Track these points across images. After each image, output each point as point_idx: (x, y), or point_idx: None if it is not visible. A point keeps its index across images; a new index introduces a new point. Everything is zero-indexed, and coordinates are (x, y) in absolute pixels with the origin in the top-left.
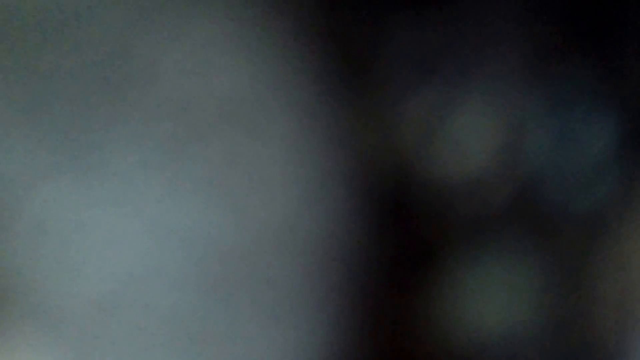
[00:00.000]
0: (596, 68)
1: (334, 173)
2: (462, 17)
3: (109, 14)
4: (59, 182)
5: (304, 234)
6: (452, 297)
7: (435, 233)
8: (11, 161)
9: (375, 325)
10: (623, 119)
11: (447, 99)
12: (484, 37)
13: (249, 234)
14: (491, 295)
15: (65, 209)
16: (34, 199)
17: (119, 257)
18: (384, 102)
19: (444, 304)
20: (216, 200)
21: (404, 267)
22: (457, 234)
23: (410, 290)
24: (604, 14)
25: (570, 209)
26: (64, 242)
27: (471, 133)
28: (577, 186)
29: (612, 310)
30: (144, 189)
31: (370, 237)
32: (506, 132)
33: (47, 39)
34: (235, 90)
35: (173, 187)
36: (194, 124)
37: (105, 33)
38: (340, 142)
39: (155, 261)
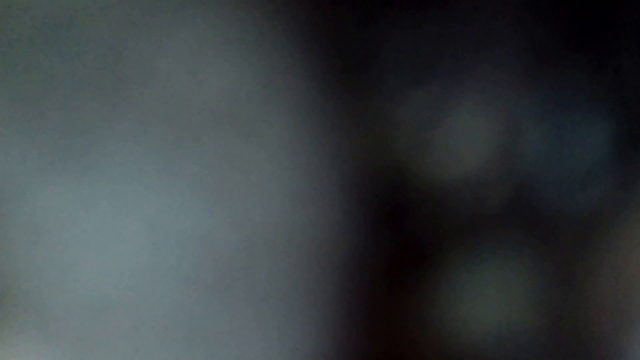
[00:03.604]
0: (592, 69)
1: (330, 173)
2: (458, 18)
3: (103, 15)
4: (54, 182)
5: (299, 235)
6: (448, 298)
7: (431, 234)
8: (6, 161)
9: (372, 326)
10: (619, 121)
11: (443, 100)
12: (480, 39)
13: (244, 235)
14: (487, 296)
15: (61, 209)
16: (29, 200)
17: (114, 257)
18: (379, 103)
19: (440, 305)
20: (211, 201)
21: (400, 268)
22: (453, 235)
23: (406, 291)
24: (600, 15)
25: (567, 210)
26: (59, 242)
27: (467, 134)
28: (573, 187)
29: (609, 310)
30: (139, 189)
31: (365, 238)
32: (502, 134)
33: (41, 40)
34: (230, 91)
35: (168, 187)
36: (189, 125)
37: (100, 34)
38: (336, 142)
39: (151, 261)
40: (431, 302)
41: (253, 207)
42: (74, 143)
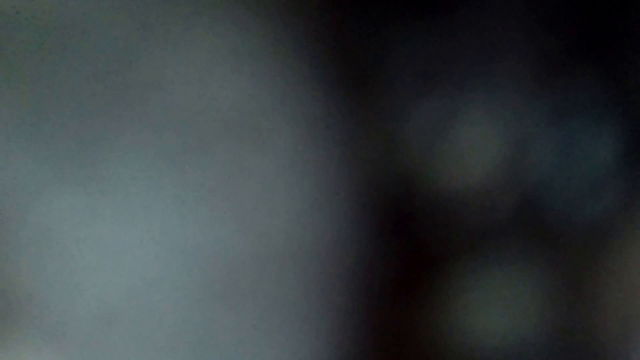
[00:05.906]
0: (600, 78)
1: (338, 183)
2: (466, 28)
3: (114, 25)
4: (62, 192)
5: (308, 244)
6: (456, 306)
7: (439, 243)
8: (14, 171)
9: (379, 335)
10: (627, 129)
11: (451, 109)
12: (488, 48)
13: (253, 245)
14: (495, 304)
15: (69, 219)
16: (37, 209)
17: (122, 267)
18: (388, 113)
19: (448, 312)
20: (220, 211)
21: (408, 277)
22: (461, 243)
23: (414, 299)
24: (608, 24)
25: (574, 218)
26: (67, 252)
27: (475, 143)
28: (581, 196)
29: (616, 319)
30: (147, 199)
31: (374, 248)
32: (510, 142)
33: (52, 49)
34: (239, 101)
35: (177, 197)
36: (199, 135)
37: (110, 44)
38: (345, 152)
39: (159, 272)
40: (439, 310)
41: (262, 217)
42: (83, 152)
